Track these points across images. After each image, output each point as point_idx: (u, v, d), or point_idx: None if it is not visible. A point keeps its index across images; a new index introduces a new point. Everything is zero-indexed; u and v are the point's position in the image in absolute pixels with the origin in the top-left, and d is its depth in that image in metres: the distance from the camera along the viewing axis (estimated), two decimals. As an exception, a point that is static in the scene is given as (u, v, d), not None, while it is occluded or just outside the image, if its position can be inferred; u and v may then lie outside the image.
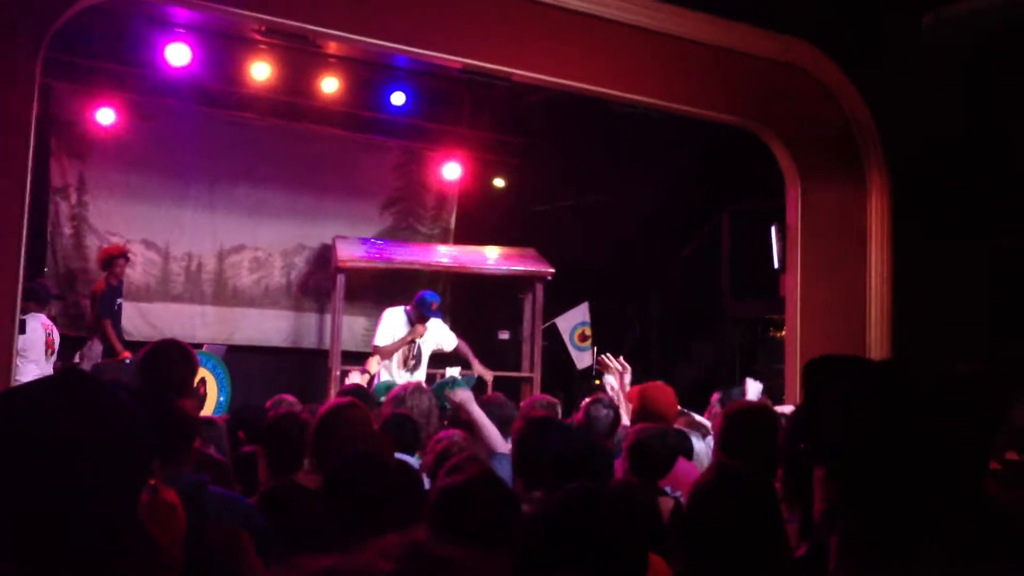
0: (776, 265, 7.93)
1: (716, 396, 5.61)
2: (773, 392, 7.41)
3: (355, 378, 7.18)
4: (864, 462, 1.22)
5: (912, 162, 6.96)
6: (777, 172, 7.57)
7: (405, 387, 4.95)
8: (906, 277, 6.98)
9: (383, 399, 5.24)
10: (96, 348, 8.28)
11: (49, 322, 7.52)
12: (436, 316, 8.04)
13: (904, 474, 1.19)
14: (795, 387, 7.00)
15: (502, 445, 4.11)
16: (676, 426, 4.51)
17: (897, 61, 6.84)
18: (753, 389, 5.26)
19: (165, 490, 1.92)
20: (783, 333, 8.02)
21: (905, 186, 7.02)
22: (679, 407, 4.82)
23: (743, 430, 2.86)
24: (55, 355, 7.51)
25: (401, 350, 7.91)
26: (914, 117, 6.89)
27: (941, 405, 1.21)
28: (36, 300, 7.27)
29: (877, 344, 6.94)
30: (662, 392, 4.74)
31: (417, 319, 7.90)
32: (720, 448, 3.03)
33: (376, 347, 7.91)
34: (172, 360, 3.54)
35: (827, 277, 7.21)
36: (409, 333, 7.88)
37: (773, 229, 7.88)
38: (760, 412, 3.01)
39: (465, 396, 4.44)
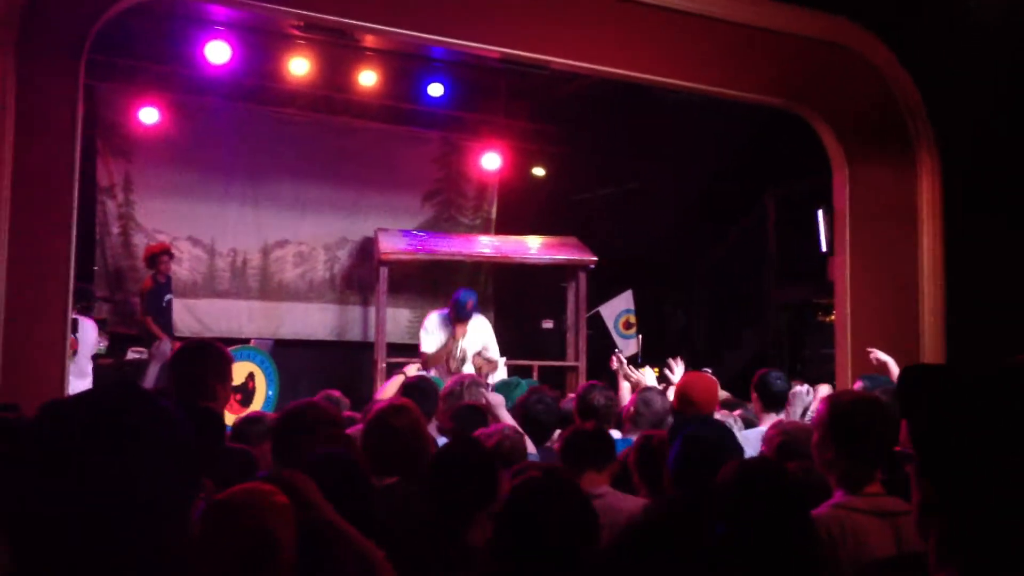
0: (823, 248, 7.81)
1: None
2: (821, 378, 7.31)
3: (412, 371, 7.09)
4: (958, 458, 1.18)
5: (962, 141, 6.80)
6: (821, 153, 7.44)
7: (460, 380, 4.87)
8: (958, 258, 6.82)
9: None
10: (165, 347, 8.31)
11: (79, 319, 7.27)
12: (474, 314, 7.86)
13: (1002, 471, 1.15)
14: (847, 372, 6.89)
15: (532, 448, 4.09)
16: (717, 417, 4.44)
17: (945, 40, 6.68)
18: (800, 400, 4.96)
19: (277, 492, 1.97)
20: (831, 317, 7.90)
21: (956, 166, 6.86)
22: (733, 398, 4.71)
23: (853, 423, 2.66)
24: (78, 353, 7.23)
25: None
26: (964, 96, 6.72)
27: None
28: None
29: (930, 326, 6.80)
30: (701, 384, 4.61)
31: (456, 320, 7.81)
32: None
33: (424, 354, 7.84)
34: (199, 360, 3.45)
35: (877, 259, 7.08)
36: (449, 337, 7.79)
37: (820, 212, 7.76)
38: (871, 404, 2.78)
39: (496, 400, 4.43)
